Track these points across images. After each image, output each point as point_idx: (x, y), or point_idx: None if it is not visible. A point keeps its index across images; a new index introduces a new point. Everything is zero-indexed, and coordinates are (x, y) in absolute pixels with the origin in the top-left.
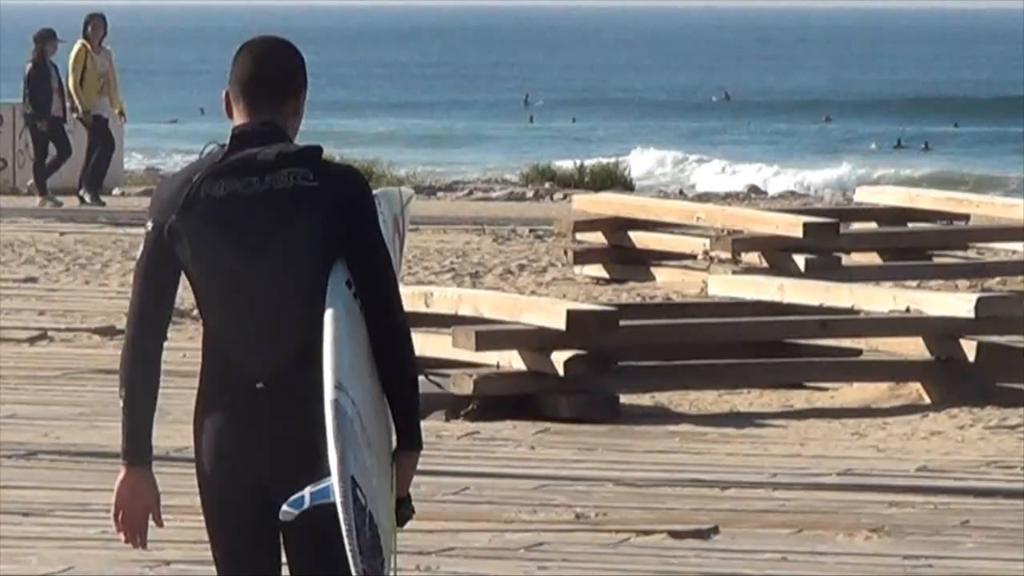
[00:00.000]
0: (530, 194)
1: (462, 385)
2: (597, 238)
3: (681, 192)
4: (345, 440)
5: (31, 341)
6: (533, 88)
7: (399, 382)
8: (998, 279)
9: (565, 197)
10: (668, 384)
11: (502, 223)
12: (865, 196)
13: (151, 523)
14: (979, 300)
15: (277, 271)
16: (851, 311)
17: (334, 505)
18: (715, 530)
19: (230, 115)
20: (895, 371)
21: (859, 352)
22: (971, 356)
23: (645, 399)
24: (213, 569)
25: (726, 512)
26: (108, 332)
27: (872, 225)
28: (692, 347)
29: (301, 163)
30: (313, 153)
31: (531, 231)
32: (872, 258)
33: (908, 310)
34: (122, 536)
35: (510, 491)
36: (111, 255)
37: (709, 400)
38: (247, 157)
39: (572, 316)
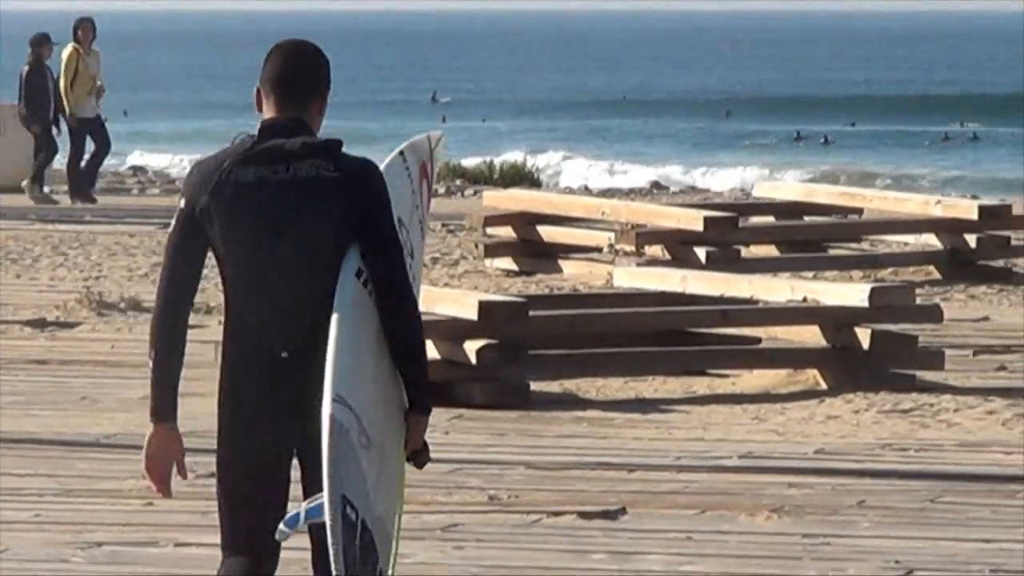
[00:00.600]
0: (442, 190)
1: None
2: (507, 232)
3: (586, 188)
4: (339, 457)
5: None
6: (443, 88)
7: (410, 361)
8: (891, 270)
9: (475, 193)
10: (576, 372)
11: None
12: (763, 191)
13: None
14: (872, 290)
15: (298, 251)
16: (751, 301)
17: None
18: (623, 511)
19: (259, 109)
20: (793, 358)
21: (758, 340)
22: (865, 344)
23: (554, 386)
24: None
25: (633, 494)
26: (39, 324)
27: (770, 219)
28: (599, 336)
29: (323, 154)
30: (335, 146)
31: (443, 226)
32: (770, 250)
33: (805, 300)
34: (152, 485)
35: (426, 474)
36: (41, 250)
37: (615, 387)
38: (275, 147)
39: (483, 307)
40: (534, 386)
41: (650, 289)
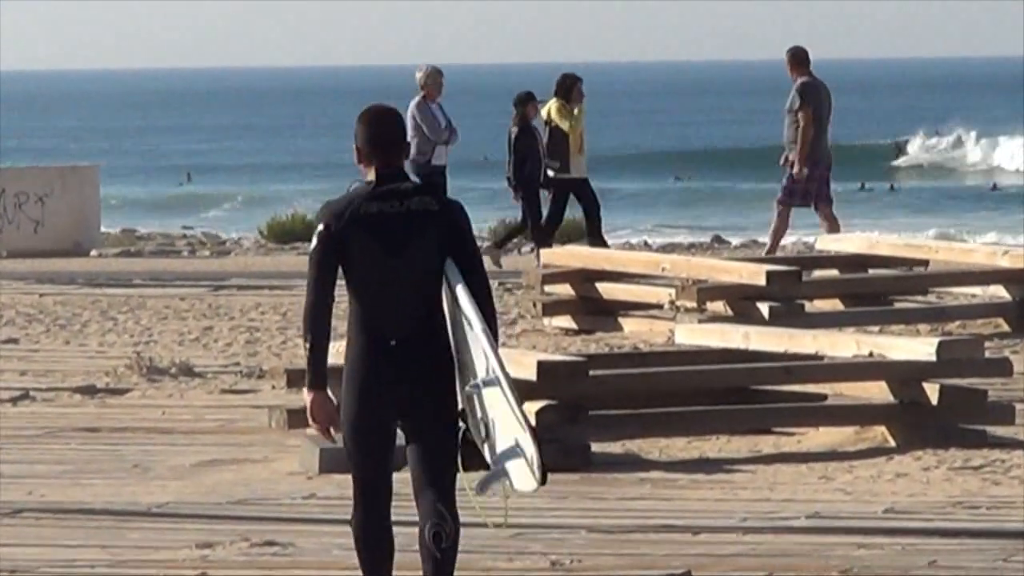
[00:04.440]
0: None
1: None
2: (565, 290)
3: (646, 243)
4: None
5: (13, 401)
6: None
7: (496, 331)
8: (958, 323)
9: (532, 250)
10: (638, 432)
11: None
12: (826, 244)
13: None
14: (940, 344)
15: (409, 266)
16: (815, 357)
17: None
18: (687, 574)
19: (359, 162)
20: (860, 415)
21: (824, 397)
22: (934, 399)
23: (616, 447)
24: None
25: (698, 557)
26: (89, 391)
27: (833, 272)
28: (661, 395)
29: (427, 193)
30: (434, 188)
31: (500, 284)
32: (834, 304)
33: (871, 355)
34: (320, 431)
35: (486, 540)
36: (90, 315)
37: (679, 447)
38: (392, 189)
39: (543, 367)
40: (595, 447)
41: (712, 346)
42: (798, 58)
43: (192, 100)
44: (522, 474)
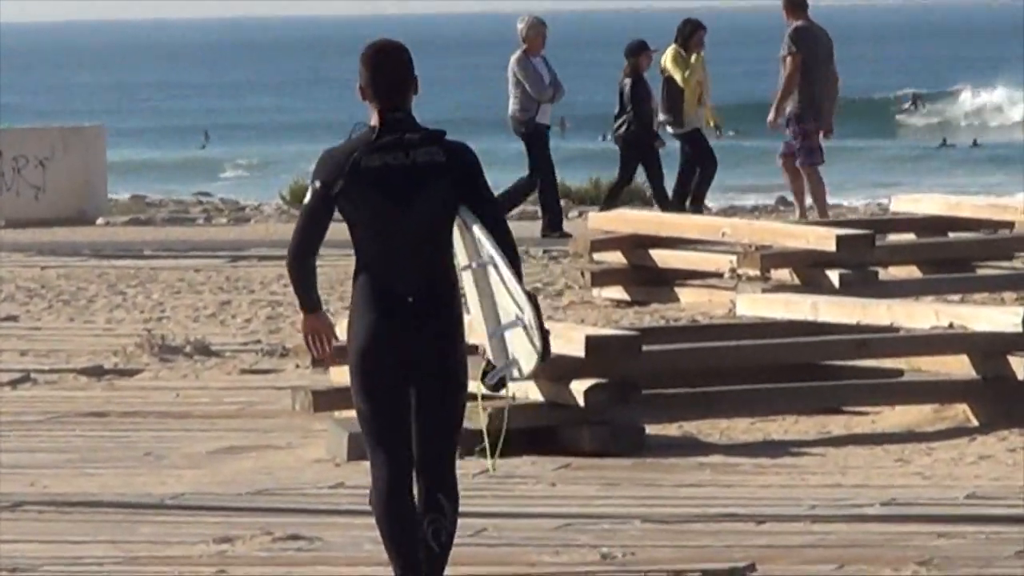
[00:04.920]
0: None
1: (476, 419)
2: (616, 258)
3: (705, 206)
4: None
5: (13, 384)
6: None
7: (518, 263)
8: None
9: (580, 215)
10: (696, 412)
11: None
12: (902, 205)
13: None
14: None
15: (417, 220)
16: (890, 329)
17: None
18: (752, 567)
19: (364, 99)
20: (939, 392)
21: (900, 373)
22: (1020, 374)
23: (672, 429)
24: None
25: (762, 548)
26: (96, 373)
27: (910, 236)
28: (721, 372)
29: (433, 143)
30: (441, 135)
31: (544, 252)
32: (911, 271)
33: (951, 326)
34: (315, 350)
35: (530, 532)
36: (96, 289)
37: (740, 428)
38: (396, 140)
39: (592, 342)
40: (649, 430)
41: (777, 318)
42: (794, 2)
43: (206, 53)
44: (524, 348)
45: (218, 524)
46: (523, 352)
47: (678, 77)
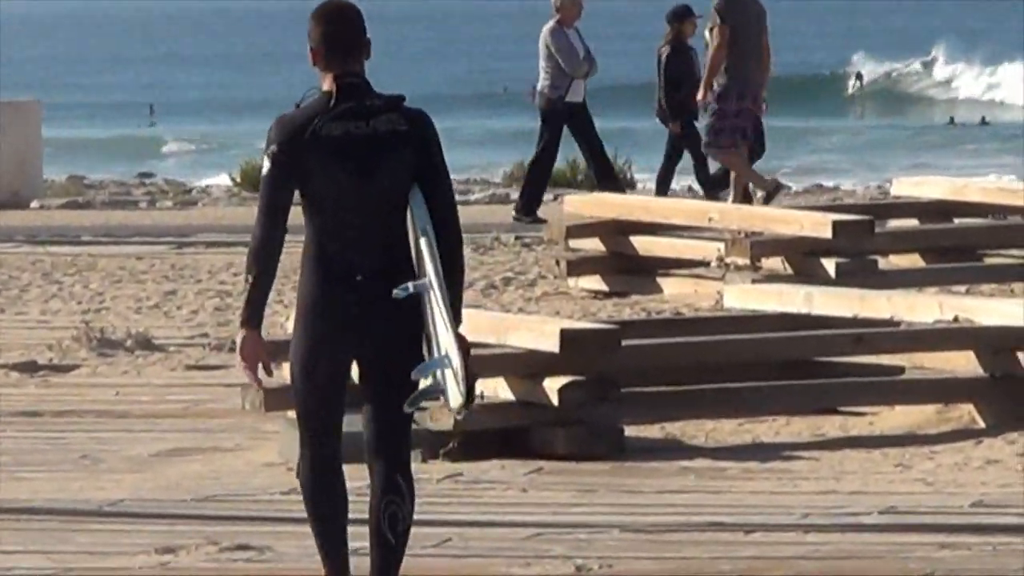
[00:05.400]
0: (515, 196)
1: (440, 420)
2: (594, 245)
3: (690, 189)
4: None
5: None
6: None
7: (459, 274)
8: None
9: (556, 198)
10: (680, 412)
11: (482, 230)
12: (903, 189)
13: None
14: None
15: (377, 193)
16: (890, 322)
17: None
18: None
19: (315, 64)
20: (943, 391)
21: (901, 370)
22: None
23: (654, 431)
24: None
25: (751, 560)
26: (28, 368)
27: (913, 222)
28: (707, 368)
29: (393, 110)
30: (400, 101)
31: (517, 239)
32: (913, 260)
33: (956, 319)
34: (248, 374)
35: (500, 541)
36: (30, 278)
37: (728, 430)
38: (356, 107)
39: (567, 336)
40: (629, 431)
41: (768, 311)
42: None
43: (151, 25)
44: (451, 388)
45: (160, 533)
46: (450, 389)
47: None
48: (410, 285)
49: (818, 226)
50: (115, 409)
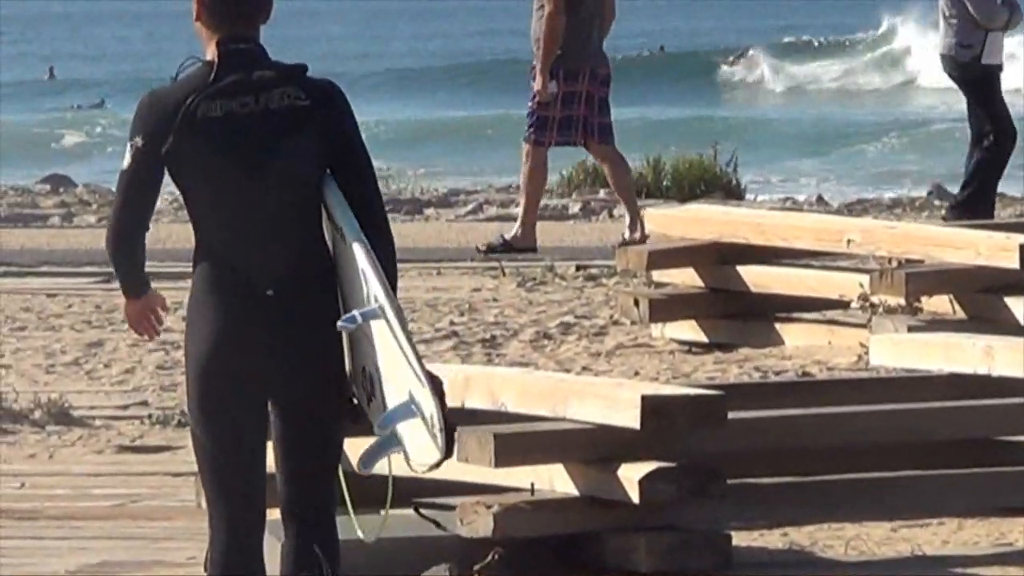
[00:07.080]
0: (576, 208)
1: (475, 523)
2: (688, 278)
3: (820, 199)
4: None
5: None
6: None
7: (394, 272)
8: None
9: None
10: (808, 513)
11: (532, 257)
12: None
13: None
14: None
15: (276, 185)
16: None
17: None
18: None
19: (199, 20)
20: None
21: None
22: None
23: (773, 537)
24: None
25: None
26: None
27: None
28: (846, 453)
29: (291, 82)
30: (301, 71)
31: (579, 268)
32: None
33: None
34: (149, 332)
35: None
36: None
37: (877, 537)
38: (241, 79)
39: (650, 405)
40: (738, 538)
41: (932, 371)
42: None
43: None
44: (420, 440)
45: None
46: (415, 441)
47: None
48: (357, 314)
49: (1000, 252)
50: (19, 507)
